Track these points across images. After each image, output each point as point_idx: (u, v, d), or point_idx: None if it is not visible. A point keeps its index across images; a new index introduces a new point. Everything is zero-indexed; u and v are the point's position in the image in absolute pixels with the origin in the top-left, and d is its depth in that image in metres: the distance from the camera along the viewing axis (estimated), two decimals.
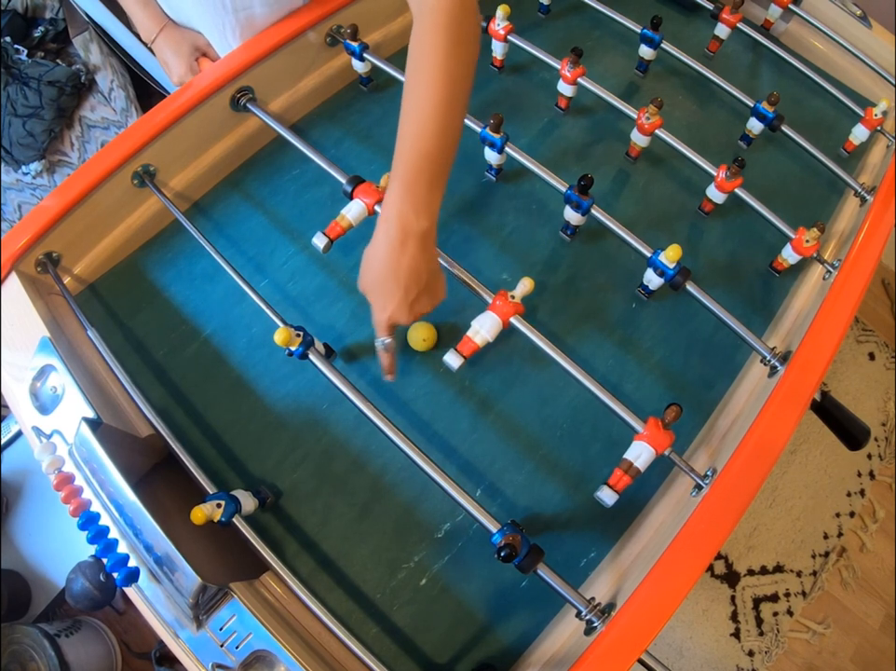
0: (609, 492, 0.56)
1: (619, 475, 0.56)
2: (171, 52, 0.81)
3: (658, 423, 0.57)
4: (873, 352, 1.67)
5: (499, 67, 0.92)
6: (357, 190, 0.67)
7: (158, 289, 0.75)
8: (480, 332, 0.61)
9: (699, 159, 0.75)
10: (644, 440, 0.56)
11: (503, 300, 0.61)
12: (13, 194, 1.45)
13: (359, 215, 0.66)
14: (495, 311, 0.61)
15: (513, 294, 0.61)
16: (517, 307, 0.61)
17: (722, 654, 1.33)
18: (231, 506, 0.54)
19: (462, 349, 0.60)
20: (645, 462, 0.56)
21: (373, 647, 0.56)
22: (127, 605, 1.27)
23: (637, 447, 0.57)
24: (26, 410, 0.59)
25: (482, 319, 0.61)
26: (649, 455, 0.56)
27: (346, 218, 0.66)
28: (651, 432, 0.56)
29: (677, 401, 0.69)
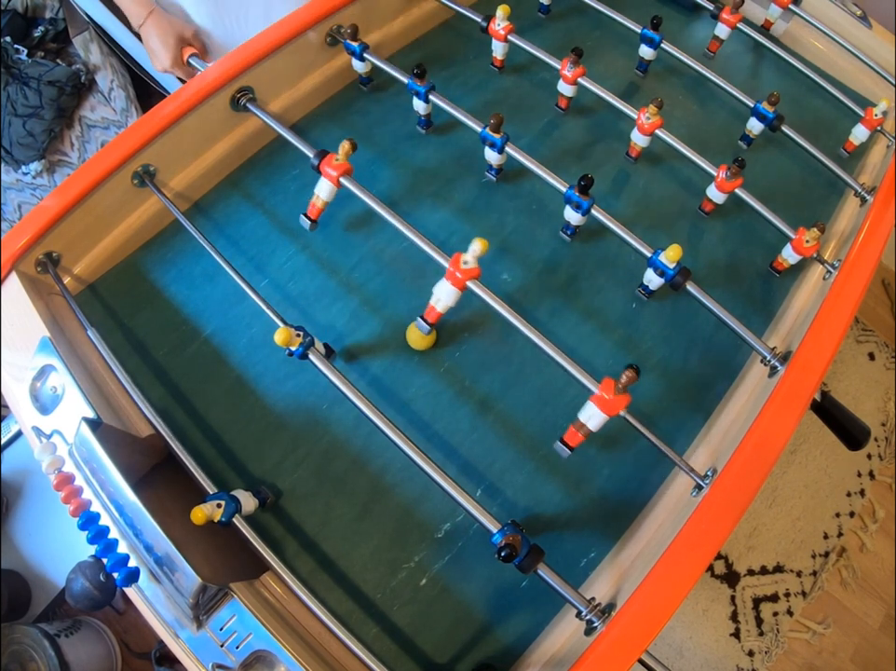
0: (562, 447, 0.59)
1: (573, 433, 0.58)
2: (158, 40, 0.82)
3: (611, 386, 0.56)
4: (873, 352, 1.68)
5: (499, 67, 0.92)
6: (322, 164, 0.68)
7: (158, 289, 0.75)
8: (440, 300, 0.64)
9: (699, 159, 0.75)
10: (596, 402, 0.56)
11: (457, 267, 0.62)
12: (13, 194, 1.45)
13: (331, 191, 0.70)
14: (450, 280, 0.63)
15: (466, 258, 0.62)
16: (473, 272, 0.62)
17: (722, 654, 1.33)
18: (231, 506, 0.54)
19: (428, 317, 0.65)
20: (597, 424, 0.57)
21: (373, 647, 0.56)
22: (127, 605, 1.27)
23: (590, 408, 0.57)
24: (26, 410, 0.59)
25: (440, 289, 0.63)
26: (600, 418, 0.57)
27: (319, 198, 0.71)
28: (604, 395, 0.56)
29: (677, 401, 0.69)
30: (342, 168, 0.68)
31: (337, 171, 0.68)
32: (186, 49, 0.83)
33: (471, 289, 0.62)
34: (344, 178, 0.68)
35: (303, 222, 0.73)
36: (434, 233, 0.77)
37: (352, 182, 0.68)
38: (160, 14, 0.82)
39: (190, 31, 0.83)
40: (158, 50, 0.83)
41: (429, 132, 0.86)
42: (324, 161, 0.68)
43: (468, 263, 0.61)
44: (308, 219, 0.73)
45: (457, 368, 0.70)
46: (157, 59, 0.84)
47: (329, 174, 0.68)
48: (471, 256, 0.61)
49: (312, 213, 0.72)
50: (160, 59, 0.83)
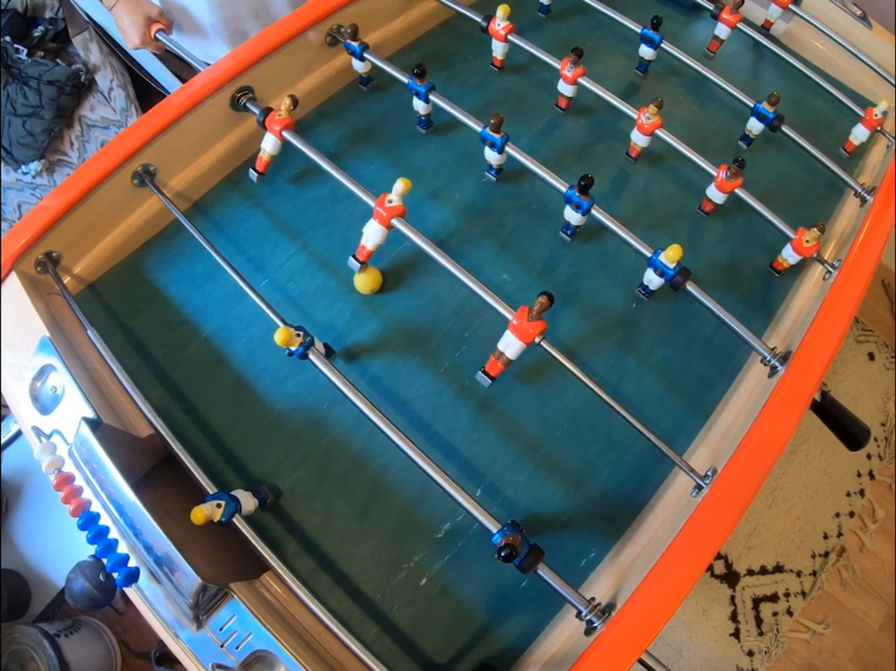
0: (483, 377, 0.63)
1: (493, 362, 0.62)
2: (128, 19, 0.89)
3: (525, 313, 0.58)
4: (873, 352, 1.68)
5: (499, 67, 0.92)
6: (266, 120, 0.74)
7: (158, 289, 0.75)
8: (370, 239, 0.68)
9: (699, 159, 0.75)
10: (513, 330, 0.58)
11: (381, 205, 0.65)
12: (13, 194, 1.45)
13: (275, 145, 0.76)
14: (377, 219, 0.67)
15: (391, 198, 0.65)
16: (396, 209, 0.65)
17: (721, 654, 1.33)
18: (231, 506, 0.54)
19: (359, 254, 0.70)
20: (515, 352, 0.60)
21: (373, 647, 0.56)
22: (127, 605, 1.27)
23: (507, 337, 0.59)
24: (26, 410, 0.59)
25: (368, 228, 0.68)
26: (518, 346, 0.59)
27: (265, 151, 0.77)
28: (519, 322, 0.58)
29: (677, 401, 0.69)
30: (283, 122, 0.73)
31: (280, 126, 0.73)
32: (153, 26, 0.89)
33: (401, 230, 0.65)
34: (287, 132, 0.73)
35: (251, 175, 0.79)
36: (434, 233, 0.77)
37: (294, 136, 0.73)
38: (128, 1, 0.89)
39: (156, 10, 0.90)
40: (129, 29, 0.89)
41: (429, 132, 0.86)
42: (268, 117, 0.74)
43: (392, 201, 0.65)
44: (256, 172, 0.79)
45: (457, 368, 0.70)
46: (128, 37, 0.90)
47: (273, 129, 0.74)
48: (395, 195, 0.66)
49: (259, 166, 0.79)
50: (131, 37, 0.90)
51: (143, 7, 0.89)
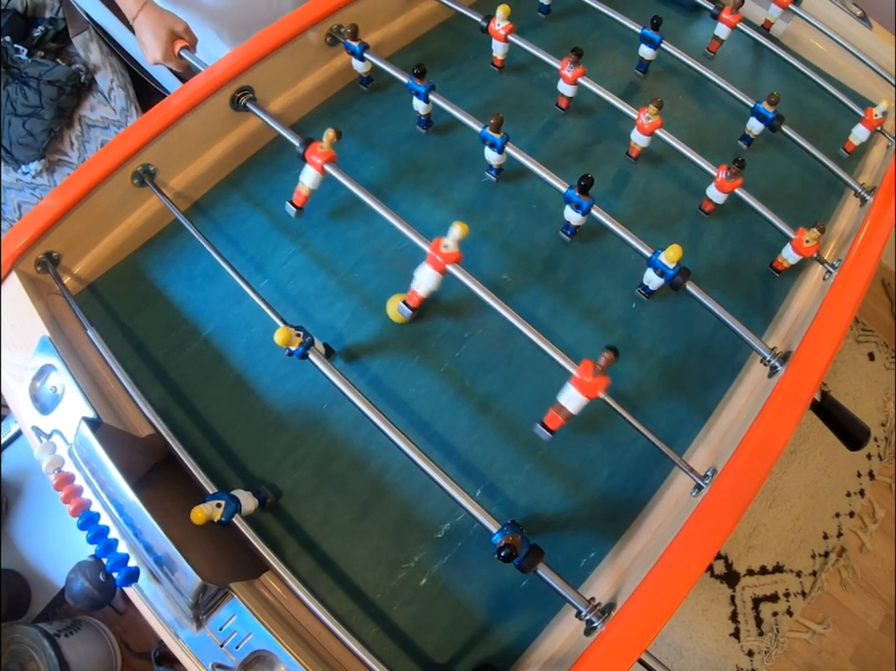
0: (543, 430, 0.60)
1: (553, 416, 0.59)
2: (150, 33, 0.84)
3: (590, 368, 0.56)
4: (873, 352, 1.68)
5: (499, 67, 0.92)
6: (307, 152, 0.70)
7: (158, 289, 0.75)
8: (422, 285, 0.65)
9: (699, 159, 0.75)
10: (575, 384, 0.57)
11: (437, 251, 0.63)
12: (13, 193, 1.45)
13: (315, 178, 0.72)
14: (431, 264, 0.63)
15: (446, 242, 0.62)
16: (452, 256, 0.62)
17: (721, 654, 1.33)
18: (231, 506, 0.54)
19: (409, 300, 0.67)
20: (577, 406, 0.58)
21: (373, 647, 0.56)
22: (127, 605, 1.27)
23: (569, 390, 0.57)
24: (26, 410, 0.59)
25: (421, 272, 0.64)
26: (579, 401, 0.57)
27: (304, 185, 0.72)
28: (583, 378, 0.56)
29: (677, 401, 0.69)
30: (326, 155, 0.70)
31: (322, 159, 0.70)
32: (177, 42, 0.84)
33: (456, 276, 0.63)
34: (328, 166, 0.70)
35: (288, 209, 0.75)
36: (434, 233, 0.76)
37: (338, 170, 0.70)
38: (153, 7, 0.84)
39: (181, 25, 0.85)
40: (150, 43, 0.84)
41: (429, 132, 0.86)
42: (309, 149, 0.70)
43: (448, 247, 0.62)
44: (293, 206, 0.75)
45: (457, 368, 0.70)
46: (149, 51, 0.85)
47: (313, 162, 0.70)
48: (451, 240, 0.62)
49: (297, 201, 0.75)
50: (151, 51, 0.85)
51: (168, 22, 0.83)
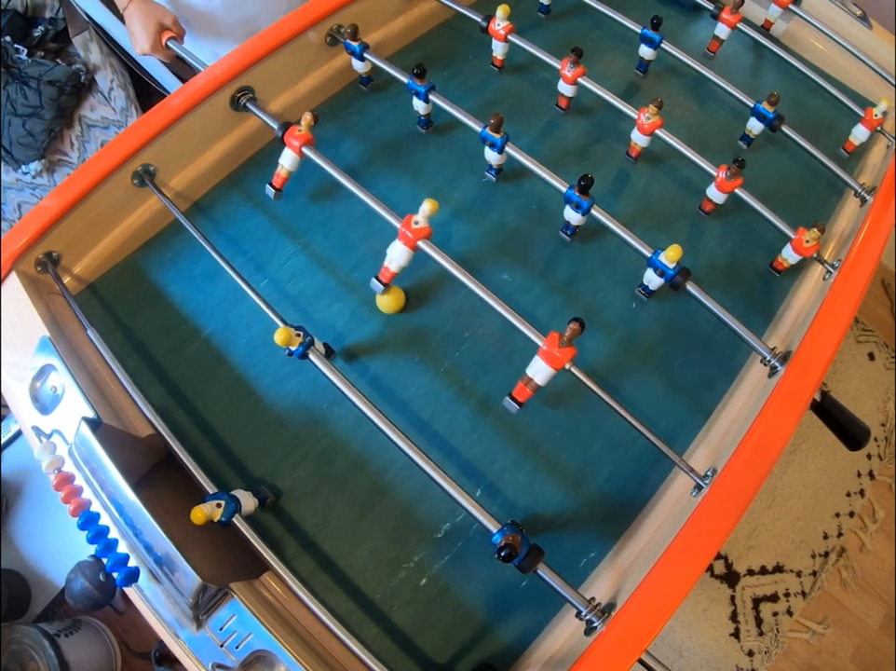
0: (512, 402, 0.61)
1: (521, 388, 0.59)
2: (139, 24, 0.85)
3: (556, 339, 0.57)
4: (873, 352, 1.68)
5: (499, 67, 0.92)
6: (286, 135, 0.72)
7: (158, 289, 0.75)
8: (394, 261, 0.66)
9: (699, 159, 0.75)
10: (543, 356, 0.57)
11: (408, 227, 0.63)
12: (13, 193, 1.45)
13: (293, 161, 0.74)
14: (402, 240, 0.64)
15: (417, 219, 0.63)
16: (423, 231, 0.63)
17: (721, 654, 1.33)
18: (231, 506, 0.54)
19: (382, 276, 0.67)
20: (544, 378, 0.58)
21: (373, 647, 0.56)
22: (127, 605, 1.27)
23: (536, 363, 0.58)
24: (26, 410, 0.59)
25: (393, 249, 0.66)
26: (548, 372, 0.58)
27: (283, 167, 0.74)
28: (550, 348, 0.57)
29: (677, 401, 0.69)
30: (303, 138, 0.71)
31: (299, 142, 0.71)
32: (165, 34, 0.86)
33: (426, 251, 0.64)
34: (306, 148, 0.71)
35: (267, 191, 0.76)
36: (434, 233, 0.77)
37: (314, 152, 0.71)
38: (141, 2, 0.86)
39: (170, 17, 0.87)
40: (139, 33, 0.86)
41: (429, 132, 0.86)
42: (287, 132, 0.72)
43: (418, 223, 0.63)
44: (273, 188, 0.76)
45: (457, 368, 0.70)
46: (137, 42, 0.87)
47: (292, 145, 0.72)
48: (422, 216, 0.63)
49: (276, 183, 0.76)
50: (140, 42, 0.86)
51: (157, 13, 0.85)
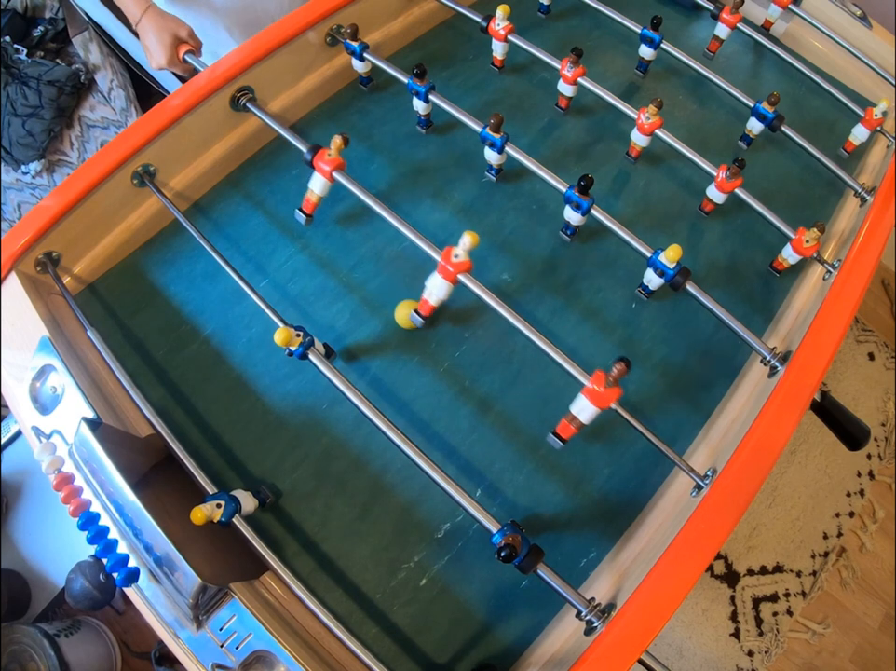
0: (555, 439, 0.59)
1: (565, 425, 0.58)
2: (154, 38, 0.83)
3: (602, 378, 0.56)
4: (872, 352, 1.68)
5: (499, 67, 0.92)
6: (315, 159, 0.69)
7: (158, 289, 0.75)
8: (433, 295, 0.64)
9: (699, 159, 0.75)
10: (588, 395, 0.56)
11: (447, 261, 0.62)
12: (13, 194, 1.45)
13: (324, 186, 0.71)
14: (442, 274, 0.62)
15: (457, 252, 0.61)
16: (463, 265, 0.62)
17: (722, 654, 1.33)
18: (231, 506, 0.54)
19: (421, 309, 0.66)
20: (589, 416, 0.57)
21: (373, 647, 0.56)
22: (127, 605, 1.27)
23: (581, 401, 0.57)
24: (26, 410, 0.59)
25: (432, 282, 0.64)
26: (591, 411, 0.57)
27: (314, 192, 0.72)
28: (595, 387, 0.56)
29: (677, 401, 0.69)
30: (334, 162, 0.69)
31: (330, 166, 0.69)
32: (182, 47, 0.83)
33: (466, 284, 0.62)
34: (337, 173, 0.69)
35: (298, 216, 0.75)
36: (434, 233, 0.77)
37: (345, 177, 0.69)
38: (155, 12, 0.83)
39: (185, 29, 0.83)
40: (154, 49, 0.83)
41: (429, 132, 0.86)
42: (317, 156, 0.69)
43: (458, 256, 0.61)
44: (303, 213, 0.74)
45: (457, 368, 0.70)
46: (153, 57, 0.84)
47: (322, 169, 0.69)
48: (462, 250, 0.61)
49: (307, 208, 0.74)
50: (156, 57, 0.83)
51: (172, 26, 0.82)
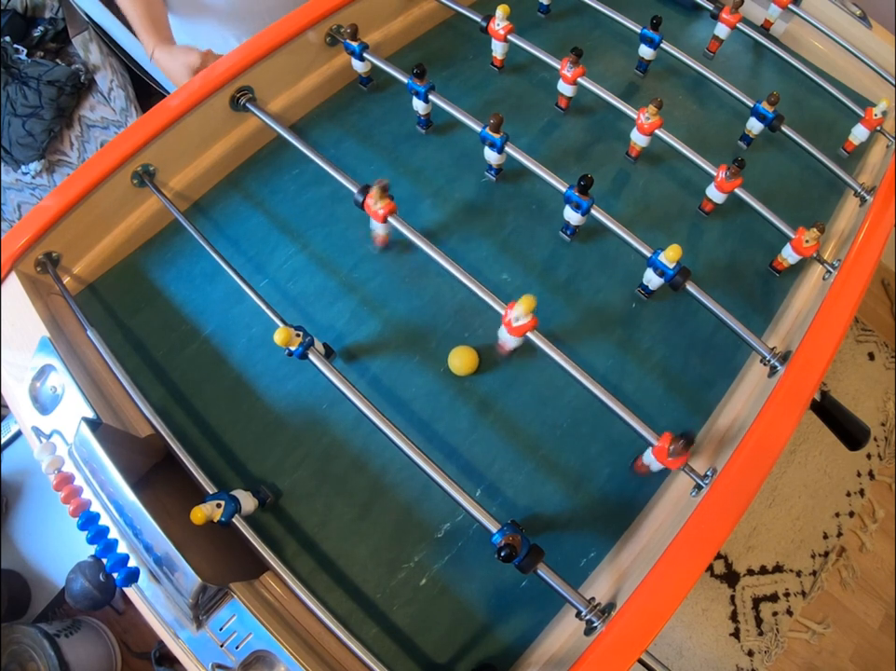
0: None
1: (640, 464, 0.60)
2: (169, 73, 0.85)
3: (668, 441, 0.55)
4: (872, 352, 1.68)
5: (499, 67, 0.92)
6: (365, 203, 0.67)
7: (158, 289, 0.75)
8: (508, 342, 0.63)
9: (699, 159, 0.75)
10: (657, 456, 0.57)
11: (509, 325, 0.60)
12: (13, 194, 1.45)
13: (383, 227, 0.69)
14: (509, 330, 0.61)
15: (517, 314, 0.60)
16: (528, 326, 0.60)
17: (721, 654, 1.34)
18: (231, 506, 0.54)
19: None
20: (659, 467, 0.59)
21: (373, 647, 0.56)
22: (127, 605, 1.27)
23: (649, 458, 0.58)
24: (26, 410, 0.59)
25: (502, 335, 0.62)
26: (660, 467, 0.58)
27: (379, 234, 0.72)
28: (663, 447, 0.56)
29: (677, 401, 0.69)
30: (388, 208, 0.67)
31: (385, 211, 0.67)
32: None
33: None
34: (391, 217, 0.67)
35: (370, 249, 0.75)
36: (434, 233, 0.77)
37: (399, 221, 0.67)
38: (164, 48, 0.85)
39: (195, 56, 0.83)
40: (175, 80, 0.85)
41: (429, 132, 0.86)
42: (367, 199, 0.67)
43: (519, 321, 0.60)
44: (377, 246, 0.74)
45: None
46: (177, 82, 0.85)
47: (377, 215, 0.67)
48: (522, 314, 0.59)
49: (379, 242, 0.74)
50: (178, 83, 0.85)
51: (182, 58, 0.84)
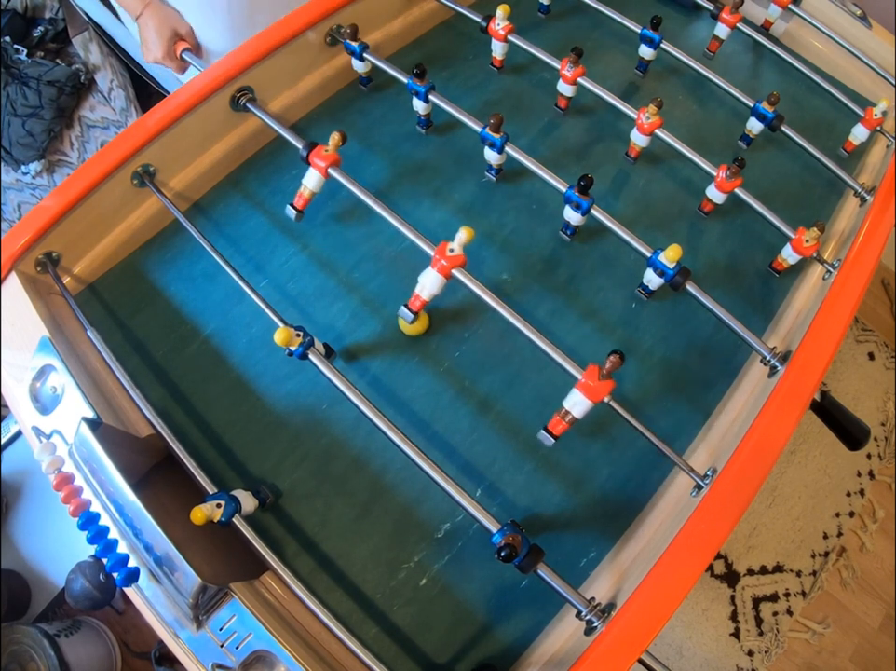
0: (546, 435, 0.58)
1: (557, 421, 0.58)
2: (153, 31, 0.83)
3: (595, 372, 0.56)
4: (872, 352, 1.68)
5: (499, 67, 0.92)
6: (311, 155, 0.69)
7: (158, 289, 0.75)
8: (426, 289, 0.63)
9: (698, 159, 0.75)
10: (581, 389, 0.56)
11: (443, 255, 0.61)
12: (13, 194, 1.45)
13: (318, 181, 0.70)
14: (436, 268, 0.62)
15: (452, 247, 0.61)
16: (457, 259, 0.61)
17: (722, 654, 1.34)
18: (231, 506, 0.54)
19: (412, 305, 0.64)
20: (582, 411, 0.57)
21: (373, 647, 0.56)
22: (127, 605, 1.27)
23: (574, 395, 0.57)
24: (26, 410, 0.59)
25: (425, 277, 0.63)
26: (585, 405, 0.57)
27: (307, 188, 0.71)
28: (588, 381, 0.56)
29: (677, 401, 0.69)
30: (330, 159, 0.69)
31: (326, 162, 0.68)
32: (180, 44, 0.84)
33: (465, 283, 0.62)
34: (332, 169, 0.69)
35: (288, 212, 0.73)
36: (434, 233, 0.76)
37: (341, 173, 0.69)
38: (158, 6, 0.84)
39: (186, 27, 0.84)
40: (152, 41, 0.83)
41: (429, 132, 0.86)
42: (313, 152, 0.69)
43: (453, 251, 0.61)
44: (294, 209, 0.73)
45: (457, 368, 0.70)
46: (150, 50, 0.84)
47: (317, 165, 0.69)
48: (457, 244, 0.61)
49: (299, 204, 0.73)
50: (152, 50, 0.84)
51: (172, 21, 0.83)
